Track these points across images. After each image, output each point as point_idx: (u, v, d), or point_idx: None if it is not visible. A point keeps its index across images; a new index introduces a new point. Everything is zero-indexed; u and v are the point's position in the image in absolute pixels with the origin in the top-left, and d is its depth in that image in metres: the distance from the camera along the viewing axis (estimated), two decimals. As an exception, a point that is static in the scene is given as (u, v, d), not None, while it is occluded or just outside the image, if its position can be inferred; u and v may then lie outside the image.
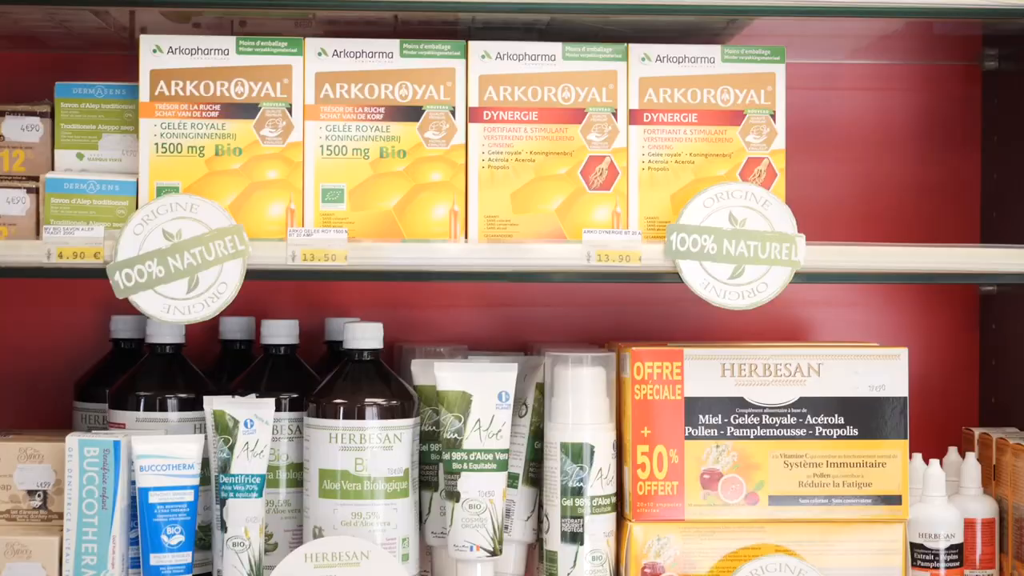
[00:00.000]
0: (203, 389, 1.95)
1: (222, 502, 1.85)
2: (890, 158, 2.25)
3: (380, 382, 1.89)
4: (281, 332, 2.01)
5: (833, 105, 2.24)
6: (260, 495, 1.85)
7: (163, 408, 1.94)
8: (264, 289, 1.88)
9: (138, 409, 1.94)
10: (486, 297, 2.22)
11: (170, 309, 1.79)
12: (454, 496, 1.85)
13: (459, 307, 2.22)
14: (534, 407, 1.95)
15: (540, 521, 1.94)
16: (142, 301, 1.78)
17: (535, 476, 1.95)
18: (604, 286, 2.20)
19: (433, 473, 1.95)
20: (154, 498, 1.84)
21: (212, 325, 2.12)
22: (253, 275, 1.80)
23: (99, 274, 1.79)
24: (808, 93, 2.21)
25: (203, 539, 1.91)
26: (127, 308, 2.11)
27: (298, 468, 1.94)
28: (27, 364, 2.18)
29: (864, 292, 2.25)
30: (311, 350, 2.10)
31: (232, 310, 2.03)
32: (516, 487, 1.93)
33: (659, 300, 2.21)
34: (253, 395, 1.90)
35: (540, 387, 1.95)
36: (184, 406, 1.94)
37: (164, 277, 1.79)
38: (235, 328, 2.13)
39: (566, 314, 2.21)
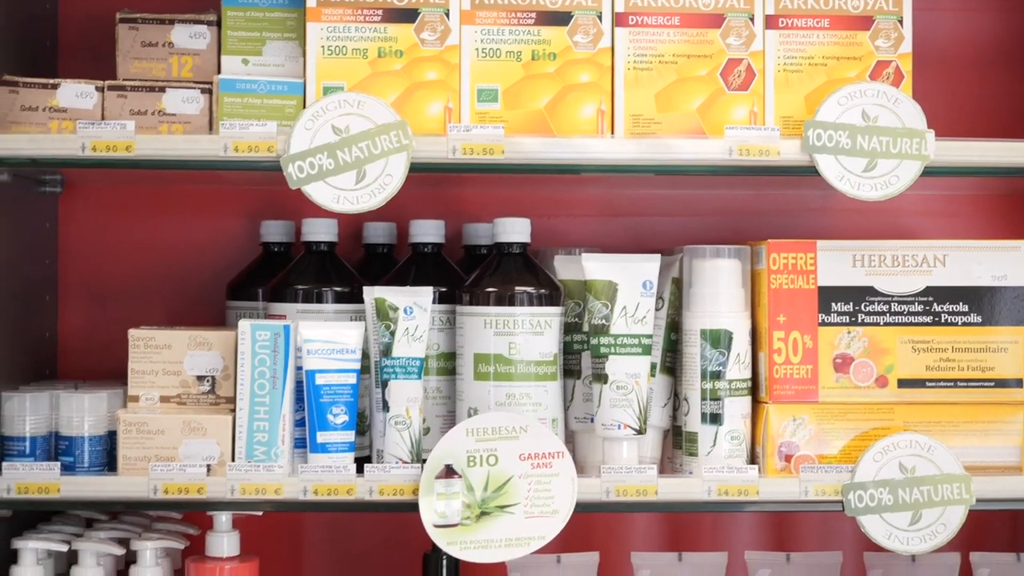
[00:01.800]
0: (356, 284, 2.07)
1: (384, 384, 1.96)
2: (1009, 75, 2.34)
3: (529, 273, 2.01)
4: (430, 231, 2.13)
5: (952, 22, 2.34)
6: (419, 377, 1.96)
7: (321, 300, 2.06)
8: (402, 199, 1.98)
9: (297, 301, 2.05)
10: (613, 207, 2.33)
11: (339, 199, 1.91)
12: (602, 378, 1.96)
13: (588, 216, 2.33)
14: (670, 300, 2.06)
15: (675, 408, 2.06)
16: (314, 191, 1.90)
17: (671, 366, 2.06)
18: (726, 197, 2.31)
19: (576, 362, 2.06)
20: (320, 380, 1.95)
21: (356, 231, 2.24)
22: (416, 168, 1.91)
23: (271, 166, 1.91)
24: (928, 14, 2.30)
25: (358, 425, 2.02)
26: (276, 214, 2.25)
27: (447, 357, 2.05)
28: (180, 269, 2.30)
29: (972, 203, 2.35)
30: (449, 255, 2.22)
31: (375, 216, 2.16)
32: (653, 376, 2.04)
33: (778, 211, 2.31)
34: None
35: (676, 281, 2.06)
36: (340, 299, 2.06)
37: (333, 169, 1.90)
38: (379, 233, 2.24)
39: (689, 224, 2.32)
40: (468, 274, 2.07)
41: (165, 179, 2.21)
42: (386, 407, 1.96)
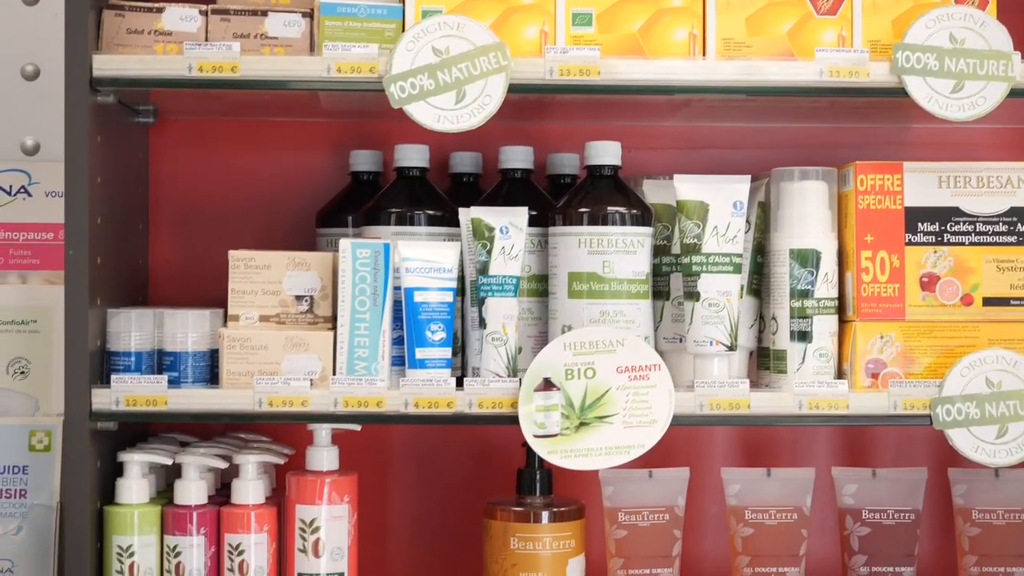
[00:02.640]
0: (448, 208, 2.11)
1: (481, 302, 2.01)
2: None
3: (620, 194, 2.05)
4: (519, 157, 2.18)
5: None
6: (515, 295, 2.01)
7: (414, 223, 2.10)
8: (488, 131, 2.02)
9: (391, 224, 2.10)
10: (694, 140, 2.37)
11: (440, 119, 1.95)
12: (694, 296, 2.01)
13: (670, 149, 2.37)
14: (756, 224, 2.10)
15: (760, 331, 2.10)
16: (415, 111, 1.95)
17: (757, 288, 2.11)
18: (804, 132, 2.34)
19: (664, 284, 2.11)
20: (419, 297, 2.00)
21: (441, 163, 2.28)
22: (514, 89, 1.95)
23: (373, 87, 1.95)
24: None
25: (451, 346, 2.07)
26: (364, 145, 2.29)
27: (539, 279, 2.10)
28: (269, 199, 2.34)
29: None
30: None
31: (461, 146, 2.21)
32: (740, 297, 2.08)
33: (855, 145, 2.35)
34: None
35: (762, 206, 2.10)
36: (433, 222, 2.11)
37: (434, 90, 1.95)
38: (465, 162, 2.28)
39: (768, 157, 2.36)
40: (555, 201, 2.11)
41: (255, 110, 2.25)
42: (483, 324, 2.01)
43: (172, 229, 2.34)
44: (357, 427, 2.05)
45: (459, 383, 1.97)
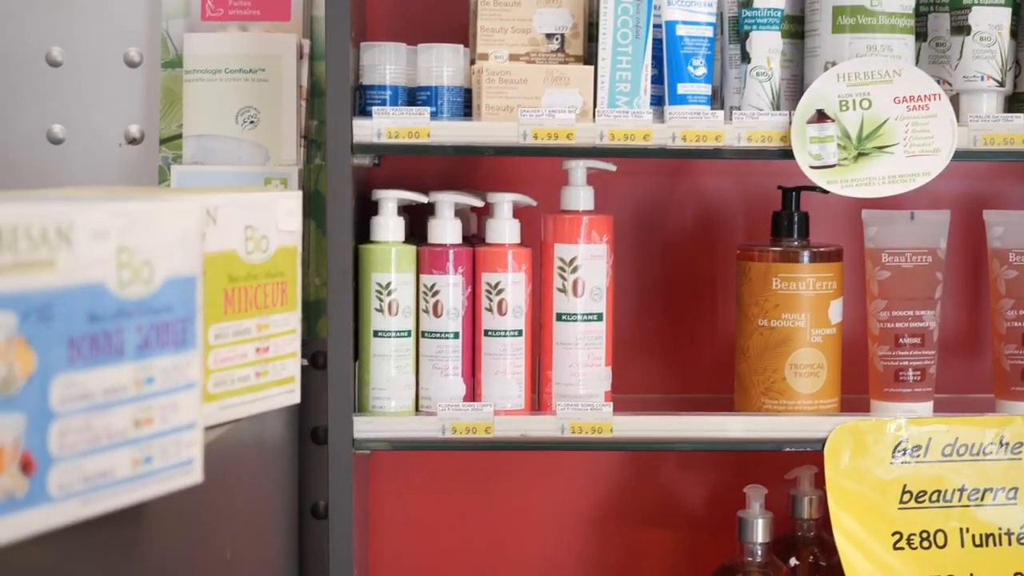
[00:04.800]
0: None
1: (744, 36, 1.95)
2: None
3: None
4: None
5: None
6: (779, 28, 1.95)
7: (665, -38, 2.04)
8: None
9: (640, -37, 2.04)
10: None
11: None
12: (963, 30, 1.95)
13: None
14: (1016, -37, 2.04)
15: (1016, 75, 2.04)
16: None
17: (1014, 29, 2.05)
18: None
19: (922, 25, 2.04)
20: (680, 31, 1.94)
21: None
22: None
23: None
24: None
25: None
26: None
27: (791, 20, 2.03)
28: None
29: None
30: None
31: None
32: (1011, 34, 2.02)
33: None
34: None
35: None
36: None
37: None
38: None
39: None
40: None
41: None
42: (746, 58, 1.95)
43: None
44: (613, 167, 2.00)
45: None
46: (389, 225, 1.96)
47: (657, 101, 1.97)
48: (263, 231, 1.59)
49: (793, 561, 2.11)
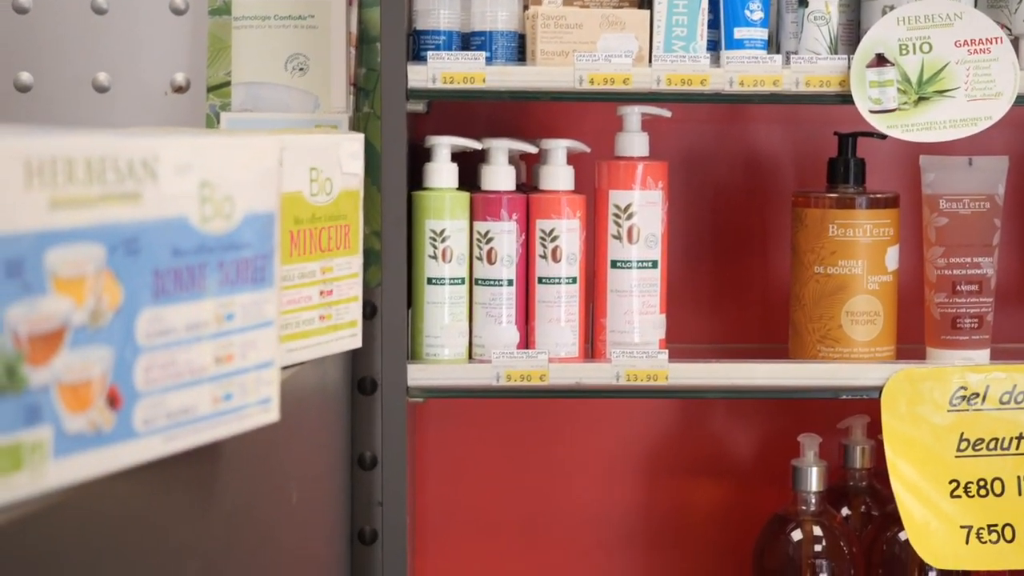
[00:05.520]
0: None
1: (801, -21, 1.94)
2: None
3: None
4: None
5: None
6: (837, -27, 1.94)
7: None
8: None
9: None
10: None
11: None
12: (1023, -27, 1.93)
13: None
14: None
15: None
16: None
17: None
18: None
19: (978, -31, 2.03)
20: (737, -25, 1.93)
21: None
22: None
23: None
24: None
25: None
26: None
27: (847, -36, 2.02)
28: None
29: None
30: None
31: None
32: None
33: None
34: None
35: None
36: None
37: None
38: None
39: None
40: None
41: None
42: (803, 3, 1.93)
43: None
44: (668, 113, 1.99)
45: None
46: (443, 171, 1.95)
47: (713, 46, 1.96)
48: (327, 173, 1.58)
49: (845, 511, 2.10)
